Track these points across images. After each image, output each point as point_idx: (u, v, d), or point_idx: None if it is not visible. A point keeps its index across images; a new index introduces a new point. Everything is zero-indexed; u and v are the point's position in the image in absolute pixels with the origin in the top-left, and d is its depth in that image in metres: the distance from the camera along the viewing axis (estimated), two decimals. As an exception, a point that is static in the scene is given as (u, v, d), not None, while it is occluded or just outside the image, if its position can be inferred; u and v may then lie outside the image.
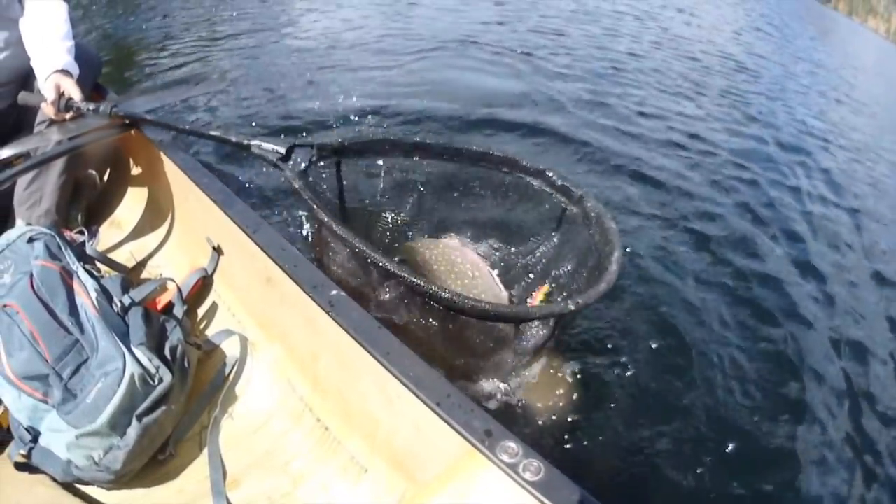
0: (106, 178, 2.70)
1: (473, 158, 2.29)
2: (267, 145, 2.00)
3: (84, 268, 1.81)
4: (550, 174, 2.21)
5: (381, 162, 2.31)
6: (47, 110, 2.09)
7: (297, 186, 1.91)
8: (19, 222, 2.27)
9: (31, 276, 1.74)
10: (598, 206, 2.06)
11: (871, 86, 12.75)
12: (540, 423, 2.10)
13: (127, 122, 2.16)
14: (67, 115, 2.09)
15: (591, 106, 5.54)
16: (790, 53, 12.12)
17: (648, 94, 6.39)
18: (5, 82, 2.28)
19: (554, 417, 2.13)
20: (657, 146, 4.95)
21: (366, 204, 2.41)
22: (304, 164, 2.04)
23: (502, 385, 1.99)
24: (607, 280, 1.73)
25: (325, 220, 1.79)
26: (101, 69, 2.55)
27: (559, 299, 2.02)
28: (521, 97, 5.45)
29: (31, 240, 1.84)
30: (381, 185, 2.38)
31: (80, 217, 2.47)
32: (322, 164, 2.17)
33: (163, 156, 2.18)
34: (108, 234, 2.46)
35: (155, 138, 2.20)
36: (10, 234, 1.86)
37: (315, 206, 1.84)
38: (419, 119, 4.52)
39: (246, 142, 2.03)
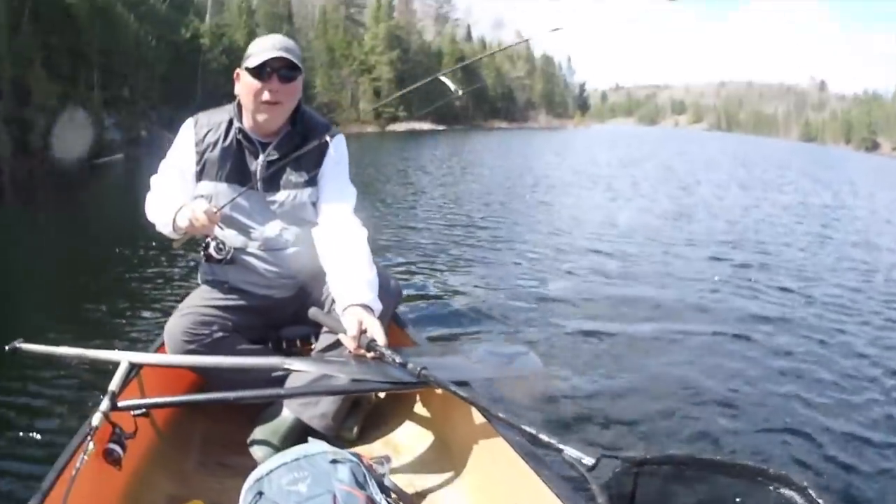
0: (383, 394, 2.72)
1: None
2: (574, 452, 1.76)
3: (386, 500, 1.87)
4: None
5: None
6: (346, 342, 2.13)
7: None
8: (286, 412, 2.37)
9: (335, 497, 1.78)
10: None
11: None
12: None
13: (430, 380, 2.01)
14: (368, 355, 2.09)
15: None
16: None
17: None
18: (291, 275, 2.51)
19: None
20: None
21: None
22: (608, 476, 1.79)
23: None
24: None
25: None
26: (399, 299, 2.64)
27: None
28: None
29: (334, 461, 1.90)
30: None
31: (354, 430, 2.52)
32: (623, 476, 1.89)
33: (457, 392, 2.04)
34: (383, 453, 2.44)
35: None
36: (309, 448, 1.91)
37: None
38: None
39: (556, 444, 1.79)
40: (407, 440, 2.52)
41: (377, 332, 2.09)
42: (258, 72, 2.27)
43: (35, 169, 26.28)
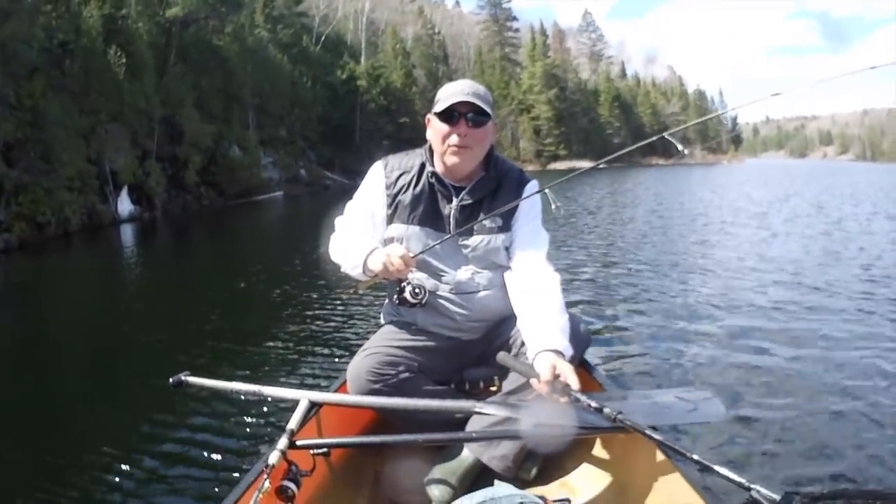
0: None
1: None
2: (764, 490, 1.64)
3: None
4: None
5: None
6: (538, 387, 2.07)
7: None
8: (466, 452, 2.33)
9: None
10: None
11: None
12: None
13: (627, 425, 1.94)
14: (561, 400, 2.02)
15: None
16: None
17: None
18: (481, 318, 2.48)
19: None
20: None
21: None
22: None
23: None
24: None
25: None
26: (589, 344, 2.60)
27: None
28: None
29: (522, 504, 1.83)
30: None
31: (532, 471, 2.42)
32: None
33: (653, 436, 1.91)
34: (561, 495, 2.28)
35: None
36: (496, 491, 1.82)
37: None
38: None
39: (746, 483, 1.68)
40: (585, 482, 2.43)
41: (571, 378, 2.03)
42: (446, 116, 2.32)
43: (189, 205, 28.19)
